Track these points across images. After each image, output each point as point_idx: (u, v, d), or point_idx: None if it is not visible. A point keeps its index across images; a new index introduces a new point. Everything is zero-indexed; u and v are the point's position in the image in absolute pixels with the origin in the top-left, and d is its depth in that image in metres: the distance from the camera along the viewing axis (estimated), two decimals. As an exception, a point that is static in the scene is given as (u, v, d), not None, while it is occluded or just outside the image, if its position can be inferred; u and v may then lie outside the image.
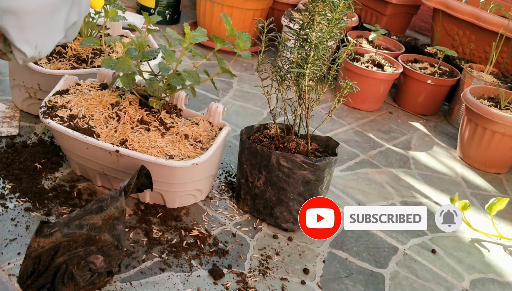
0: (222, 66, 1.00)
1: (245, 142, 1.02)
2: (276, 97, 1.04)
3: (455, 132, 1.70)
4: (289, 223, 1.02)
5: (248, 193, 1.04)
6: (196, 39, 0.97)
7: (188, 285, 0.85)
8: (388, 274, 0.99)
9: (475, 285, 1.02)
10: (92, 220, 0.77)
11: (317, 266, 0.97)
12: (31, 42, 0.67)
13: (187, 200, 1.03)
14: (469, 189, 1.38)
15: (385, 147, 1.51)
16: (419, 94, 1.75)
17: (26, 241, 0.86)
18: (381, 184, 1.30)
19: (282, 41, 0.99)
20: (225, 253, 0.94)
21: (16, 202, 0.94)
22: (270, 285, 0.89)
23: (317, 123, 1.44)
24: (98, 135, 0.95)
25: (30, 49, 0.67)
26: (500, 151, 1.45)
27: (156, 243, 0.92)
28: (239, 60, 1.89)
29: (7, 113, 1.17)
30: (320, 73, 0.98)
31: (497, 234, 1.18)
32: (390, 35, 2.11)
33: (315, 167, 0.96)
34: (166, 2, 2.05)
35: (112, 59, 0.96)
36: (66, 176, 1.04)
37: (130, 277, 0.84)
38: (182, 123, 1.03)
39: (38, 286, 0.75)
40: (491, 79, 1.70)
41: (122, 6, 1.19)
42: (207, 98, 1.53)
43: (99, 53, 1.24)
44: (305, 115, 1.01)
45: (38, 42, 0.68)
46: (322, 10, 0.92)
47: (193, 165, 0.92)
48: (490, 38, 1.87)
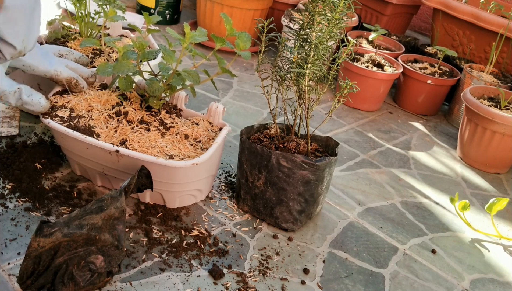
0: (222, 66, 1.00)
1: (245, 142, 1.02)
2: (276, 97, 1.04)
3: (455, 132, 1.70)
4: (289, 223, 1.03)
5: (248, 193, 1.04)
6: (196, 39, 0.98)
7: (188, 285, 0.85)
8: (388, 274, 0.99)
9: (475, 285, 1.02)
10: (92, 220, 0.77)
11: (317, 266, 0.97)
12: (19, 37, 0.71)
13: (187, 200, 1.03)
14: (469, 189, 1.38)
15: (385, 146, 1.51)
16: (419, 94, 1.75)
17: (26, 241, 0.86)
18: (381, 184, 1.30)
19: (282, 41, 0.99)
20: (225, 253, 0.94)
21: (16, 202, 0.94)
22: (270, 285, 0.89)
23: (317, 123, 1.44)
24: (98, 135, 0.95)
25: (18, 43, 0.71)
26: (500, 151, 1.45)
27: (156, 243, 0.92)
28: (239, 60, 1.89)
29: (7, 113, 1.17)
30: (320, 73, 0.98)
31: (497, 234, 1.18)
32: (390, 35, 2.11)
33: (315, 167, 0.96)
34: (166, 2, 2.05)
35: (108, 64, 0.96)
36: (66, 176, 1.04)
37: (130, 277, 0.85)
38: (182, 123, 1.03)
39: (38, 286, 0.75)
40: (491, 79, 1.70)
41: (122, 6, 1.19)
42: (207, 98, 1.53)
43: (99, 53, 1.24)
44: (305, 115, 1.01)
45: (24, 36, 0.72)
46: (322, 10, 0.92)
47: (193, 165, 0.92)
48: (490, 38, 1.87)
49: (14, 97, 0.91)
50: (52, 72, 0.99)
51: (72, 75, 1.01)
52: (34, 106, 0.93)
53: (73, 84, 1.01)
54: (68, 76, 1.00)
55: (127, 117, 0.99)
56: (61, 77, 1.00)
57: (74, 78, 1.01)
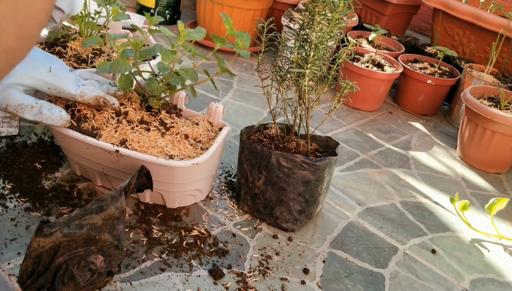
0: (222, 66, 1.00)
1: (245, 142, 1.02)
2: (276, 97, 1.04)
3: (455, 132, 1.70)
4: (289, 223, 1.02)
5: (248, 193, 1.04)
6: (191, 36, 0.96)
7: (188, 285, 0.85)
8: (388, 274, 0.99)
9: (475, 285, 1.02)
10: (92, 220, 0.77)
11: (317, 266, 0.97)
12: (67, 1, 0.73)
13: (187, 200, 1.03)
14: (469, 189, 1.38)
15: (385, 147, 1.51)
16: (419, 94, 1.75)
17: (26, 241, 0.86)
18: (381, 184, 1.30)
19: (282, 41, 0.99)
20: (225, 253, 0.94)
21: (16, 202, 0.94)
22: (270, 285, 0.89)
23: (317, 123, 1.44)
24: (98, 135, 0.95)
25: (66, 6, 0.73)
26: (500, 151, 1.45)
27: (156, 243, 0.92)
28: (239, 60, 1.89)
29: (7, 113, 1.17)
30: (320, 73, 0.98)
31: (497, 234, 1.18)
32: (390, 35, 2.11)
33: (315, 167, 0.96)
34: (166, 2, 2.05)
35: (107, 63, 0.96)
36: (66, 176, 1.04)
37: (130, 277, 0.85)
38: (182, 123, 1.03)
39: (38, 286, 0.75)
40: (491, 79, 1.70)
41: (122, 6, 1.19)
42: (207, 98, 1.53)
43: (99, 53, 1.24)
44: (305, 115, 1.01)
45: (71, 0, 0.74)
46: (322, 10, 0.92)
47: (193, 164, 0.92)
48: (490, 38, 1.87)
49: (31, 111, 0.88)
50: (77, 95, 0.94)
51: (99, 94, 0.95)
52: (55, 120, 0.90)
53: (101, 103, 0.95)
54: (93, 96, 0.94)
55: (127, 117, 0.99)
56: (87, 98, 0.94)
57: (101, 96, 0.95)
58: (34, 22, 0.39)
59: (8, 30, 0.37)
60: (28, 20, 0.38)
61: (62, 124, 0.92)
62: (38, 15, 0.39)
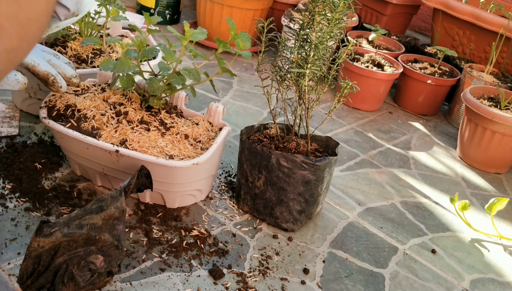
0: (222, 66, 1.00)
1: (245, 142, 1.02)
2: (276, 97, 1.04)
3: (455, 132, 1.70)
4: (289, 223, 1.02)
5: (248, 193, 1.04)
6: (196, 36, 0.98)
7: (188, 285, 0.85)
8: (388, 274, 0.99)
9: (475, 285, 1.02)
10: (92, 220, 0.77)
11: (317, 266, 0.97)
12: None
13: (187, 200, 1.03)
14: (469, 189, 1.38)
15: (385, 147, 1.51)
16: (419, 94, 1.75)
17: (26, 241, 0.86)
18: (381, 184, 1.30)
19: (282, 41, 0.99)
20: (225, 253, 0.94)
21: (16, 202, 0.94)
22: (270, 285, 0.89)
23: (317, 123, 1.44)
24: (98, 135, 0.95)
25: (72, 5, 0.72)
26: (500, 151, 1.45)
27: (156, 243, 0.92)
28: (239, 60, 1.89)
29: (7, 113, 1.17)
30: (320, 73, 0.98)
31: (497, 234, 1.18)
32: (390, 35, 2.11)
33: (315, 167, 0.96)
34: (166, 2, 2.05)
35: (110, 61, 0.96)
36: (66, 176, 1.04)
37: (130, 277, 0.85)
38: (182, 123, 1.03)
39: (38, 286, 0.75)
40: (491, 79, 1.70)
41: (122, 6, 1.19)
42: (207, 98, 1.53)
43: (99, 53, 1.24)
44: (305, 115, 1.01)
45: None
46: (322, 10, 0.92)
47: (193, 164, 0.92)
48: (490, 38, 1.87)
49: None
50: (29, 62, 0.93)
51: (51, 72, 0.95)
52: (11, 84, 0.88)
53: (50, 81, 0.95)
54: (45, 71, 0.94)
55: (127, 117, 0.99)
56: (37, 69, 0.93)
57: (53, 75, 0.95)
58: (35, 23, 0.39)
59: (10, 31, 0.37)
60: (29, 20, 0.38)
61: (20, 88, 0.90)
62: (39, 16, 0.39)
